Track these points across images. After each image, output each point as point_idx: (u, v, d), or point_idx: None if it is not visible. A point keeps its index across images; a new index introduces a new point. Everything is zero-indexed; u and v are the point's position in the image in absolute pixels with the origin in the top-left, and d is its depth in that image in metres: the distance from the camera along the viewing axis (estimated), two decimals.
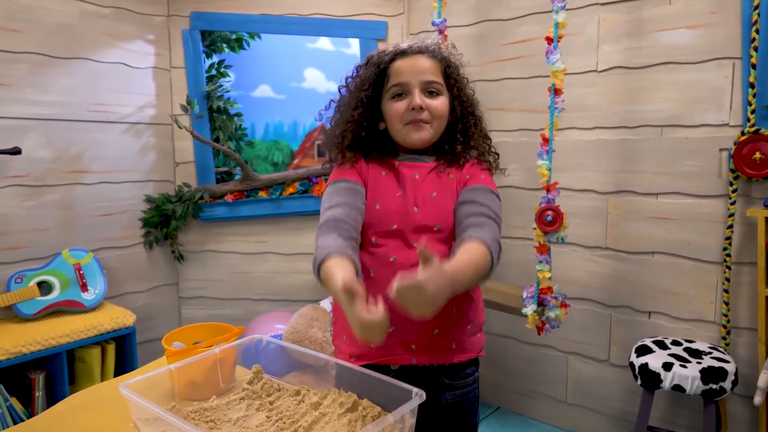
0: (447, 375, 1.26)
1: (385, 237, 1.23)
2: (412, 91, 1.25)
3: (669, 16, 2.25)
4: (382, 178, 1.28)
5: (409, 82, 1.25)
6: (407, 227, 1.23)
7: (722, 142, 2.15)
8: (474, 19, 2.84)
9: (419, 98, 1.23)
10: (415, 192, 1.26)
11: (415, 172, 1.28)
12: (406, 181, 1.27)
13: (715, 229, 2.19)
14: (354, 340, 1.26)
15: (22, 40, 2.45)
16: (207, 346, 1.31)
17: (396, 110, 1.26)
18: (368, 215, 1.24)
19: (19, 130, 2.46)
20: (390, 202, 1.25)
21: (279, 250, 3.10)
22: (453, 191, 1.27)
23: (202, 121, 2.97)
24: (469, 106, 1.33)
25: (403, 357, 1.22)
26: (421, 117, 1.25)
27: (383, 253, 1.22)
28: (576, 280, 2.57)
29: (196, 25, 2.98)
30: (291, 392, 1.14)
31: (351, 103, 1.30)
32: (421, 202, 1.25)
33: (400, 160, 1.30)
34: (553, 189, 2.19)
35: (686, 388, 1.91)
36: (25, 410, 2.27)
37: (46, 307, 2.43)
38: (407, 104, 1.24)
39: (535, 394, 2.79)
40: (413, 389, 0.98)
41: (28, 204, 2.51)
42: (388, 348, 1.22)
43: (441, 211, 1.25)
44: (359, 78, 1.32)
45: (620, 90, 2.39)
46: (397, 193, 1.26)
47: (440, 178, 1.28)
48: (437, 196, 1.26)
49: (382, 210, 1.24)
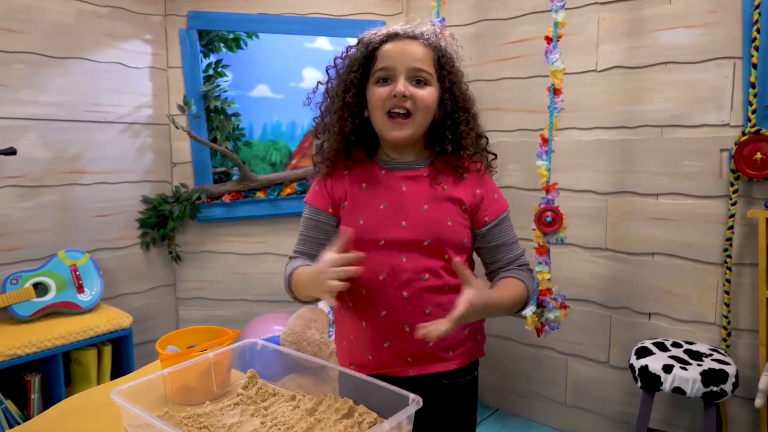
0: (445, 377, 1.24)
1: (372, 252, 1.17)
2: (397, 77, 1.16)
3: (669, 16, 2.23)
4: (362, 191, 1.22)
5: (396, 67, 1.16)
6: (394, 242, 1.18)
7: (723, 143, 2.13)
8: (472, 19, 2.83)
9: (403, 85, 1.15)
10: (403, 205, 1.20)
11: (402, 183, 1.21)
12: (391, 194, 1.21)
13: (716, 230, 2.17)
14: (353, 349, 1.25)
15: (18, 40, 2.43)
16: (201, 350, 1.29)
17: (378, 96, 1.17)
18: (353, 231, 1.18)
19: (16, 131, 2.45)
20: (374, 217, 1.20)
21: (277, 251, 3.08)
22: (447, 202, 1.21)
23: (200, 121, 2.96)
24: (462, 101, 1.23)
25: (401, 369, 1.20)
26: (403, 104, 1.16)
27: (372, 270, 1.17)
28: (575, 281, 2.55)
29: (193, 25, 2.96)
30: (286, 397, 1.12)
31: (340, 86, 1.22)
32: (410, 216, 1.19)
33: (385, 167, 1.23)
34: (552, 189, 2.18)
35: (687, 391, 1.89)
36: (21, 413, 2.26)
37: (42, 308, 2.41)
38: (390, 90, 1.16)
39: (534, 395, 2.78)
40: (410, 395, 0.96)
41: (24, 205, 2.50)
42: (384, 361, 1.20)
43: (432, 225, 1.19)
44: (348, 59, 1.23)
45: (620, 90, 2.37)
46: (380, 206, 1.20)
47: (432, 188, 1.21)
48: (428, 209, 1.19)
49: (366, 225, 1.19)
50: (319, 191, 1.26)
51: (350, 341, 1.26)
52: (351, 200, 1.22)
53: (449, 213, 1.20)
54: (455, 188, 1.22)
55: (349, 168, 1.25)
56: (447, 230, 1.19)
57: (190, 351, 1.31)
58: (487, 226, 1.24)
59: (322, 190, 1.26)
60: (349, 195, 1.23)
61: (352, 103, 1.20)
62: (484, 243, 1.25)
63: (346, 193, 1.23)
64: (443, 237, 1.19)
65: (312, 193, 1.28)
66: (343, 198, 1.23)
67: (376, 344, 1.20)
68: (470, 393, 1.31)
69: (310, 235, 1.26)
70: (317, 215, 1.26)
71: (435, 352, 1.21)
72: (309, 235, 1.27)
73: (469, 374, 1.29)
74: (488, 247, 1.26)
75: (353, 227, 1.16)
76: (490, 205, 1.25)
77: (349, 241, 1.08)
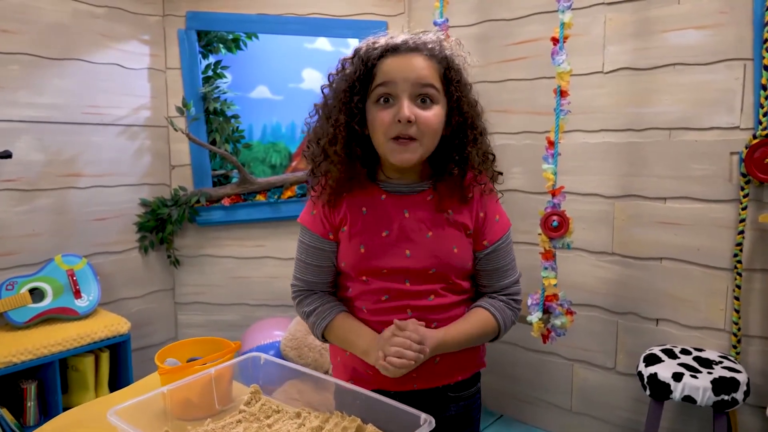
0: (450, 389, 1.22)
1: (376, 277, 1.14)
2: (400, 97, 1.06)
3: (677, 16, 2.19)
4: (363, 216, 1.15)
5: (398, 85, 1.05)
6: (399, 271, 1.13)
7: (733, 146, 2.09)
8: (476, 19, 2.79)
9: (408, 109, 1.04)
10: (406, 232, 1.13)
11: (405, 209, 1.14)
12: (393, 220, 1.14)
13: (726, 235, 2.13)
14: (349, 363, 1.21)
15: (14, 41, 2.39)
16: (203, 363, 1.25)
17: (380, 121, 1.07)
18: (353, 258, 1.15)
19: (11, 133, 2.40)
20: (376, 246, 1.14)
21: (278, 255, 3.04)
22: (452, 228, 1.15)
23: (199, 123, 2.92)
24: (470, 117, 1.13)
25: (404, 384, 1.16)
26: (408, 133, 1.06)
27: (375, 291, 1.15)
28: (581, 286, 2.51)
29: (192, 25, 2.92)
30: (291, 414, 1.08)
31: (338, 108, 1.11)
32: (415, 244, 1.13)
33: (386, 191, 1.16)
34: (558, 193, 2.14)
35: (697, 399, 1.85)
36: (17, 421, 2.21)
37: (38, 314, 2.37)
38: (393, 115, 1.05)
39: (539, 402, 2.74)
40: (422, 415, 0.92)
41: (19, 209, 2.45)
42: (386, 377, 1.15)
43: (437, 254, 1.13)
44: (345, 76, 1.12)
45: (627, 92, 2.33)
46: (382, 233, 1.14)
47: (437, 213, 1.15)
48: (433, 236, 1.13)
49: (367, 253, 1.13)
50: (318, 216, 1.19)
51: (347, 357, 1.22)
52: (351, 225, 1.15)
53: (454, 239, 1.15)
54: (460, 212, 1.16)
55: (349, 190, 1.16)
56: (453, 258, 1.15)
57: (190, 365, 1.26)
58: (486, 250, 1.19)
59: (320, 215, 1.18)
60: (349, 220, 1.16)
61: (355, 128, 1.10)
62: (480, 266, 1.20)
63: (345, 217, 1.16)
64: (449, 264, 1.14)
65: (310, 218, 1.20)
66: (343, 222, 1.16)
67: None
68: (475, 405, 1.28)
69: (311, 263, 1.21)
70: (320, 243, 1.19)
71: (440, 368, 1.18)
72: (310, 263, 1.21)
73: (472, 386, 1.27)
74: (483, 271, 1.21)
75: (353, 254, 1.14)
76: (490, 228, 1.19)
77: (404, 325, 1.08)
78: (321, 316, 1.19)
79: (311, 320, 1.20)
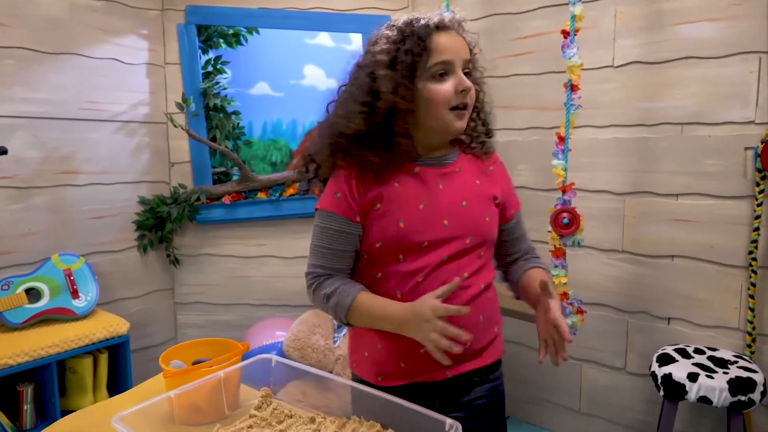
0: (476, 374, 1.22)
1: (413, 254, 1.12)
2: (456, 70, 1.12)
3: (690, 8, 2.14)
4: (397, 191, 1.13)
5: (454, 60, 1.12)
6: (437, 242, 1.12)
7: (747, 141, 2.05)
8: (482, 13, 2.74)
9: (467, 80, 1.13)
10: (443, 202, 1.15)
11: (438, 181, 1.16)
12: (429, 192, 1.15)
13: (740, 232, 2.09)
14: (378, 358, 1.17)
15: (9, 35, 2.33)
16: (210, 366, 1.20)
17: (444, 93, 1.10)
18: (392, 233, 1.12)
19: (6, 129, 2.34)
20: (415, 218, 1.12)
21: (279, 254, 3.00)
22: (482, 198, 1.20)
23: (198, 119, 2.86)
24: (483, 92, 1.24)
25: (438, 373, 1.14)
26: (466, 101, 1.13)
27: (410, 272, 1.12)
28: (591, 284, 2.47)
29: (191, 20, 2.86)
30: (305, 420, 1.03)
31: (386, 85, 1.09)
32: (451, 213, 1.14)
33: (420, 164, 1.17)
34: (569, 190, 2.10)
35: (713, 400, 1.81)
36: (13, 425, 2.16)
37: (34, 315, 2.31)
38: (454, 86, 1.11)
39: (547, 403, 2.70)
40: (447, 420, 0.87)
41: (15, 207, 2.40)
42: (421, 366, 1.13)
43: (472, 222, 1.16)
44: (396, 51, 1.10)
45: (638, 86, 2.29)
46: (420, 206, 1.13)
47: (467, 184, 1.19)
48: (468, 206, 1.16)
49: (407, 227, 1.12)
50: (343, 198, 1.13)
51: (376, 351, 1.18)
52: (386, 202, 1.13)
53: (486, 209, 1.20)
54: (487, 183, 1.22)
55: (375, 169, 1.14)
56: (486, 227, 1.20)
57: (196, 367, 1.21)
58: (513, 220, 1.29)
59: (347, 196, 1.13)
60: (384, 197, 1.13)
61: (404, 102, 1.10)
62: (506, 236, 1.29)
63: (379, 195, 1.13)
64: (483, 234, 1.18)
65: (334, 200, 1.15)
66: (377, 200, 1.13)
67: (410, 351, 1.12)
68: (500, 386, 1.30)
69: (337, 248, 1.15)
70: (345, 226, 1.14)
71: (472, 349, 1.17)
72: (335, 248, 1.16)
73: (496, 370, 1.28)
74: (510, 240, 1.30)
75: (392, 230, 1.11)
76: (513, 200, 1.30)
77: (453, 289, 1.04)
78: (343, 294, 1.12)
79: (333, 301, 1.13)
